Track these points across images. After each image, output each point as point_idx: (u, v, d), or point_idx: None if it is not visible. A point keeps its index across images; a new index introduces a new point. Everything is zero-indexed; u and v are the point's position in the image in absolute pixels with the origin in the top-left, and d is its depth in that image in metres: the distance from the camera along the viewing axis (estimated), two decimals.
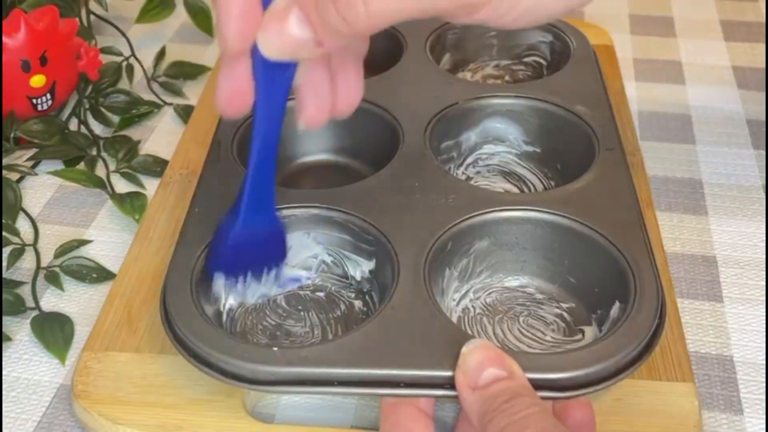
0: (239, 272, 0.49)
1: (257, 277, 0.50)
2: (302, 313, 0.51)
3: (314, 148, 0.63)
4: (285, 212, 0.52)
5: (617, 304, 0.48)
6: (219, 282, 0.49)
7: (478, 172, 0.61)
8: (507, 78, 0.72)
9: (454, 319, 0.50)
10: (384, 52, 0.69)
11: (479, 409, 0.40)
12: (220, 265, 0.49)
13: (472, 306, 0.52)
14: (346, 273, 0.53)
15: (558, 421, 0.38)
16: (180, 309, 0.46)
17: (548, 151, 0.62)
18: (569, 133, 0.60)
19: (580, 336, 0.50)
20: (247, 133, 0.59)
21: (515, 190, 0.60)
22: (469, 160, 0.62)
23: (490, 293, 0.53)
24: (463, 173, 0.61)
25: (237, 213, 0.47)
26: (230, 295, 0.50)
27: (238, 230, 0.47)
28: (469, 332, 0.50)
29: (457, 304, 0.52)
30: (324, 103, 0.45)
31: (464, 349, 0.42)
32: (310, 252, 0.53)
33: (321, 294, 0.53)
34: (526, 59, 0.72)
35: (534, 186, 0.60)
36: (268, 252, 0.50)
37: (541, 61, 0.71)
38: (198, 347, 0.44)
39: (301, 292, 0.53)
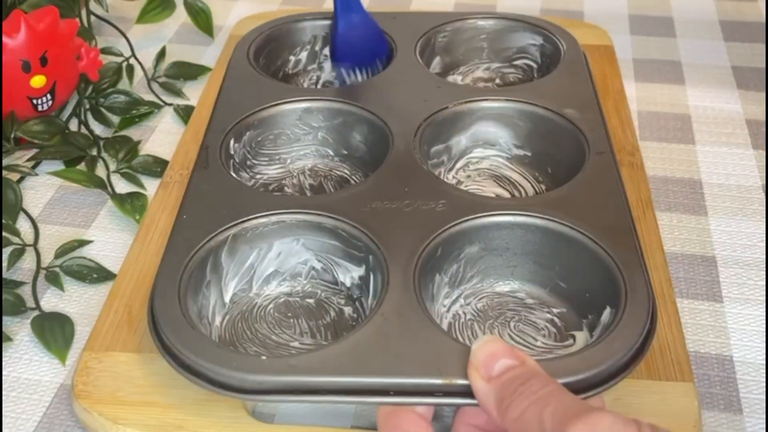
0: (353, 62, 0.67)
1: (368, 66, 0.67)
2: (292, 320, 0.51)
3: (304, 154, 0.63)
4: (274, 218, 0.52)
5: (608, 309, 0.48)
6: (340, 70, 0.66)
7: (468, 176, 0.61)
8: (497, 81, 0.72)
9: (445, 325, 0.50)
10: None
11: (496, 397, 0.40)
12: (336, 56, 0.67)
13: (463, 312, 0.51)
14: (335, 279, 0.53)
15: (576, 396, 0.39)
16: (167, 317, 0.46)
17: (539, 154, 0.61)
18: (560, 136, 0.60)
19: (571, 341, 0.50)
20: (234, 139, 0.59)
21: (506, 194, 0.59)
22: (460, 164, 0.62)
23: (480, 299, 0.52)
24: (453, 177, 0.61)
25: (336, 14, 0.65)
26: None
27: (339, 23, 0.65)
28: (460, 338, 0.49)
29: (448, 309, 0.51)
30: None
31: (474, 346, 0.42)
32: (300, 258, 0.53)
33: (311, 300, 0.52)
34: (516, 62, 0.72)
35: (525, 190, 0.60)
36: (372, 45, 0.67)
37: (532, 64, 0.71)
38: (186, 356, 0.44)
39: (291, 299, 0.52)
